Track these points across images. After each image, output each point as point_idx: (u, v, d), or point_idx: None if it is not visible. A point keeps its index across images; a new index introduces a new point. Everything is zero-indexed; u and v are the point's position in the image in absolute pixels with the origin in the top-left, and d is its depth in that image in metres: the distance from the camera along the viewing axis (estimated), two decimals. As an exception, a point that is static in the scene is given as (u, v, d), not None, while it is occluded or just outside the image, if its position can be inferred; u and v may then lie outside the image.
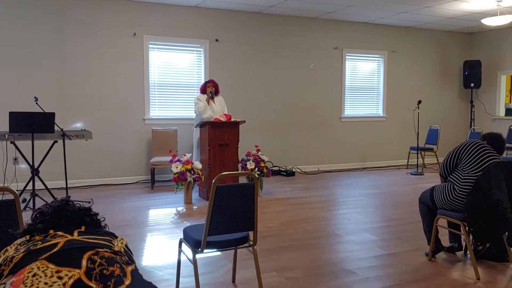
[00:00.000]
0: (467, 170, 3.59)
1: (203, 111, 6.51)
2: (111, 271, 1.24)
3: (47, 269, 1.19)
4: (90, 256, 1.24)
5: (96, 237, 1.37)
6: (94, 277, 1.20)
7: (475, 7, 7.74)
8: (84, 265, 1.21)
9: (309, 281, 3.42)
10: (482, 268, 3.66)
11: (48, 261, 1.21)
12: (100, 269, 1.23)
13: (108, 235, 1.41)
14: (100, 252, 1.27)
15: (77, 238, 1.31)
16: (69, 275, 1.19)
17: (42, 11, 6.80)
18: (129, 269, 1.29)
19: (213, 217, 2.80)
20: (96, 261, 1.24)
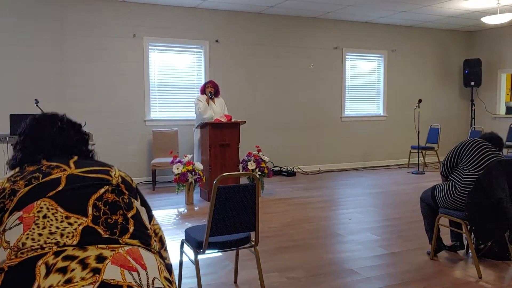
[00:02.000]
0: (468, 169, 3.59)
1: (203, 111, 6.51)
2: (114, 219, 1.33)
3: (57, 212, 1.27)
4: (94, 202, 1.32)
5: (94, 168, 1.43)
6: (101, 224, 1.29)
7: (475, 5, 7.74)
8: (90, 213, 1.30)
9: (311, 281, 3.42)
10: (484, 267, 3.66)
11: (56, 203, 1.28)
12: (105, 217, 1.32)
13: (104, 165, 1.48)
14: (104, 196, 1.35)
15: (77, 173, 1.38)
16: (78, 222, 1.27)
17: (42, 13, 6.81)
18: (130, 215, 1.37)
19: (215, 218, 2.80)
20: (100, 209, 1.32)
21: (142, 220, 1.41)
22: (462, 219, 3.57)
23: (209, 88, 6.65)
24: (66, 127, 1.61)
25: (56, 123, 1.61)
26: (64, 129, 1.60)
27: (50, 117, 1.64)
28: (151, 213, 1.57)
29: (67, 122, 1.65)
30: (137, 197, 1.50)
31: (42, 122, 1.60)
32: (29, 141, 1.55)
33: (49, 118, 1.63)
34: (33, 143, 1.53)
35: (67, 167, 1.40)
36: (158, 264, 1.32)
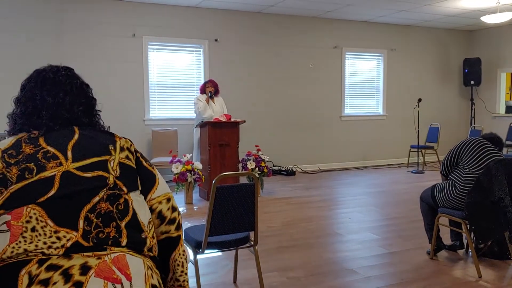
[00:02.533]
0: (468, 168, 3.58)
1: (203, 111, 6.50)
2: (106, 233, 1.26)
3: (46, 226, 1.21)
4: (86, 214, 1.25)
5: (91, 161, 1.33)
6: (91, 240, 1.23)
7: (474, 4, 7.73)
8: (81, 227, 1.23)
9: (310, 281, 3.42)
10: (484, 266, 3.66)
11: (47, 214, 1.21)
12: (96, 232, 1.25)
13: (104, 148, 1.37)
14: (98, 207, 1.27)
15: (73, 170, 1.29)
16: (67, 237, 1.21)
17: (41, 13, 6.80)
18: (124, 225, 1.30)
19: (214, 218, 2.79)
20: (92, 222, 1.25)
21: (138, 222, 1.36)
22: (462, 219, 3.56)
23: (209, 87, 6.64)
24: (73, 93, 1.46)
25: (62, 89, 1.45)
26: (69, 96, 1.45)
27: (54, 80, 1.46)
28: (152, 182, 1.47)
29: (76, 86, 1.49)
30: (136, 184, 1.41)
31: (44, 85, 1.44)
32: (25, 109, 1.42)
33: (53, 81, 1.46)
34: (30, 114, 1.41)
35: (64, 159, 1.30)
36: (145, 270, 1.29)
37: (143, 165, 1.47)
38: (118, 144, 1.42)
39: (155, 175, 1.49)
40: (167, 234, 1.48)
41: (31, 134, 1.36)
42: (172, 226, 1.49)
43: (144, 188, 1.44)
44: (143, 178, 1.44)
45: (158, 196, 1.46)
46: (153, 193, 1.46)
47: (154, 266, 1.37)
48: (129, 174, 1.39)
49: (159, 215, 1.46)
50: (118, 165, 1.37)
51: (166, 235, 1.48)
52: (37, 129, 1.37)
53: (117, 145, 1.41)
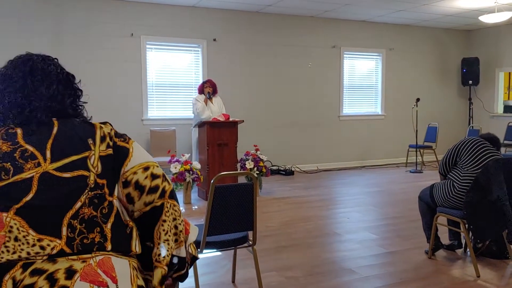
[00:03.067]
0: (466, 168, 3.58)
1: (201, 111, 6.49)
2: (91, 239, 1.22)
3: (28, 235, 1.16)
4: (69, 221, 1.20)
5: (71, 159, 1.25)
6: (76, 248, 1.19)
7: (472, 4, 7.74)
8: (64, 235, 1.19)
9: (309, 280, 3.42)
10: (482, 266, 3.66)
11: (27, 223, 1.16)
12: (81, 238, 1.21)
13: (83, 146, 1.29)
14: (80, 212, 1.21)
15: (52, 171, 1.22)
16: (51, 246, 1.17)
17: (39, 13, 6.78)
18: (109, 227, 1.26)
19: (212, 217, 2.79)
20: (76, 228, 1.20)
21: (122, 220, 1.31)
22: (460, 218, 3.56)
23: (208, 88, 6.62)
24: (63, 84, 1.40)
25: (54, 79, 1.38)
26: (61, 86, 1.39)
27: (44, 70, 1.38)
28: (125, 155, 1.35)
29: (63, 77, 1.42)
30: (118, 176, 1.33)
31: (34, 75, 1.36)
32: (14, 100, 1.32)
33: (43, 71, 1.38)
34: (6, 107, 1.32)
35: (42, 159, 1.23)
36: (131, 271, 1.26)
37: (117, 144, 1.37)
38: (98, 135, 1.34)
39: (128, 148, 1.38)
40: (151, 204, 1.36)
41: (9, 129, 1.28)
42: (155, 194, 1.36)
43: (118, 166, 1.34)
44: (117, 157, 1.35)
45: (132, 167, 1.35)
46: (126, 166, 1.34)
47: (138, 269, 1.33)
48: (109, 166, 1.32)
49: (136, 186, 1.34)
50: (99, 160, 1.29)
51: (150, 205, 1.36)
52: (25, 123, 1.29)
53: (97, 137, 1.33)
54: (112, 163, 1.33)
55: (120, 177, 1.34)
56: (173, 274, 1.41)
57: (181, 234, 1.41)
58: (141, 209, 1.36)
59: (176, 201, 1.42)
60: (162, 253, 1.36)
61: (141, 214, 1.36)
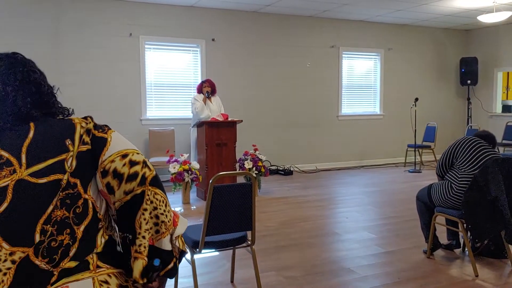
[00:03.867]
0: (464, 168, 3.59)
1: (200, 111, 6.49)
2: (59, 241, 1.17)
3: (1, 249, 1.12)
4: (42, 227, 1.16)
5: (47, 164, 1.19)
6: (41, 253, 1.15)
7: (471, 4, 7.75)
8: (36, 241, 1.15)
9: (308, 280, 3.42)
10: (480, 265, 3.67)
11: (1, 236, 1.12)
12: (49, 240, 1.16)
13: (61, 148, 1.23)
14: (53, 215, 1.17)
15: (27, 178, 1.17)
16: (22, 256, 1.13)
17: (38, 12, 6.78)
18: (81, 229, 1.22)
19: (211, 217, 2.79)
20: (47, 232, 1.16)
21: (97, 217, 1.28)
22: (458, 218, 3.57)
23: (206, 87, 6.62)
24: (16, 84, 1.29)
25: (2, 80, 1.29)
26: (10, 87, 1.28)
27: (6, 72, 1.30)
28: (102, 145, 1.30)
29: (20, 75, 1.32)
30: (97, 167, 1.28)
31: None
32: None
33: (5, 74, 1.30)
34: None
35: (18, 165, 1.17)
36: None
37: (95, 136, 1.31)
38: (77, 133, 1.27)
39: (106, 137, 1.31)
40: (131, 193, 1.29)
41: None
42: (135, 182, 1.29)
43: (95, 156, 1.29)
44: (94, 148, 1.29)
45: (110, 155, 1.29)
46: (103, 156, 1.29)
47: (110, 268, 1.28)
48: (85, 162, 1.26)
49: (114, 174, 1.28)
50: (76, 159, 1.24)
51: (130, 194, 1.29)
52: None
53: (76, 136, 1.26)
54: (90, 158, 1.28)
55: (98, 167, 1.28)
56: (159, 273, 1.33)
57: (163, 224, 1.32)
58: (122, 199, 1.30)
59: (159, 188, 1.34)
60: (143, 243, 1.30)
61: (122, 204, 1.30)
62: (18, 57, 1.37)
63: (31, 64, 1.39)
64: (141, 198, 1.30)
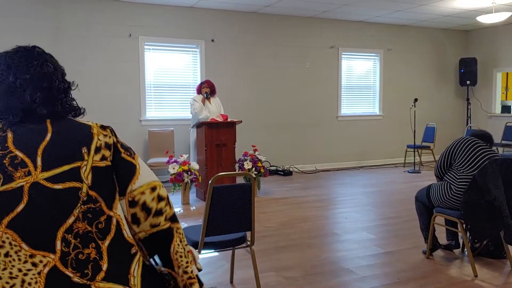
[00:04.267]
0: (462, 169, 3.59)
1: (199, 111, 6.49)
2: (86, 254, 1.16)
3: (21, 250, 1.11)
4: (64, 235, 1.14)
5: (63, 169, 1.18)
6: (70, 264, 1.13)
7: (470, 4, 7.76)
8: (58, 249, 1.13)
9: (307, 280, 3.42)
10: (480, 265, 3.67)
11: (20, 236, 1.11)
12: (76, 253, 1.15)
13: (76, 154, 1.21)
14: (74, 227, 1.16)
15: (42, 182, 1.15)
16: (44, 262, 1.12)
17: (37, 13, 6.78)
18: (106, 245, 1.20)
19: (210, 218, 2.79)
20: (70, 243, 1.15)
21: (124, 238, 1.26)
22: (457, 218, 3.57)
23: (205, 88, 6.63)
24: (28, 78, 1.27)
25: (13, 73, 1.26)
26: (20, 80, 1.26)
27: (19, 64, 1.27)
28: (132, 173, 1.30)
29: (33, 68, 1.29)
30: (114, 187, 1.27)
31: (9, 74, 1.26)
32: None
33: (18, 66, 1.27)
34: None
35: (33, 167, 1.16)
36: None
37: (121, 156, 1.30)
38: (94, 144, 1.25)
39: (135, 164, 1.32)
40: (158, 227, 1.33)
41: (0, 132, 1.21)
42: (161, 217, 1.33)
43: (123, 181, 1.29)
44: (121, 171, 1.29)
45: (141, 186, 1.30)
46: (133, 184, 1.30)
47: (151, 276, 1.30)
48: (104, 178, 1.25)
49: (143, 207, 1.30)
50: (91, 171, 1.22)
51: (157, 228, 1.33)
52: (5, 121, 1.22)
53: (92, 146, 1.25)
54: (111, 176, 1.27)
55: (126, 194, 1.29)
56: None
57: (189, 254, 1.41)
58: (147, 231, 1.32)
59: (179, 223, 1.40)
60: (194, 270, 1.38)
61: (146, 236, 1.33)
62: (36, 50, 1.33)
63: (47, 58, 1.35)
64: (169, 234, 1.35)
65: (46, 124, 1.24)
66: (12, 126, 1.21)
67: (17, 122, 1.22)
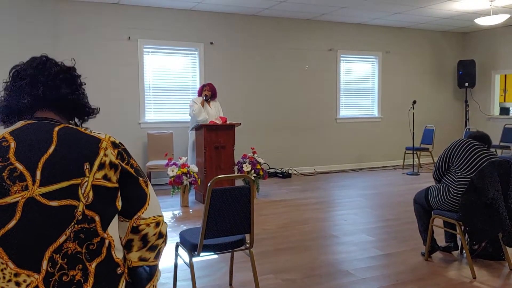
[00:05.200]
0: (460, 172, 3.60)
1: (197, 113, 6.50)
2: (71, 276, 1.14)
3: (6, 268, 1.10)
4: (52, 255, 1.12)
5: (61, 185, 1.15)
6: (52, 286, 1.12)
7: (468, 7, 7.78)
8: (44, 269, 1.11)
9: (306, 283, 3.42)
10: (478, 267, 3.68)
11: (7, 254, 1.10)
12: (60, 274, 1.13)
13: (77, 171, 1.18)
14: (64, 246, 1.14)
15: (38, 198, 1.13)
16: (28, 282, 1.10)
17: (36, 16, 6.79)
18: (93, 266, 1.18)
19: (210, 220, 2.79)
20: (57, 263, 1.13)
21: (113, 260, 1.24)
22: (456, 220, 3.58)
23: (206, 91, 6.66)
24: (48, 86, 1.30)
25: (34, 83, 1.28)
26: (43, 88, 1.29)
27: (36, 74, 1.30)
28: (143, 201, 1.31)
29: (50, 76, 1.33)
30: (114, 207, 1.25)
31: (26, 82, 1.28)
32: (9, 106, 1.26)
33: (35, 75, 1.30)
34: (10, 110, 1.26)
35: (31, 181, 1.14)
36: None
37: (138, 182, 1.31)
38: (98, 160, 1.22)
39: (147, 193, 1.33)
40: (145, 261, 1.34)
41: (3, 142, 1.18)
42: (152, 253, 1.36)
43: (132, 206, 1.29)
44: (132, 196, 1.29)
45: (148, 217, 1.31)
46: (142, 213, 1.30)
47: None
48: (105, 198, 1.22)
49: (143, 238, 1.31)
50: (91, 189, 1.19)
51: (144, 262, 1.34)
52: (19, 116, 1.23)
53: (96, 162, 1.21)
54: (115, 197, 1.25)
55: (133, 220, 1.29)
56: None
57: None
58: (133, 262, 1.32)
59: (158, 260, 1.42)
60: None
61: (130, 267, 1.33)
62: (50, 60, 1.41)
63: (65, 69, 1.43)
64: (153, 272, 1.36)
65: (53, 134, 1.22)
66: (17, 135, 1.20)
67: (24, 130, 1.21)
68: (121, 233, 1.29)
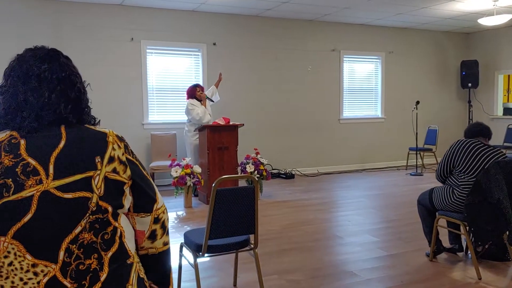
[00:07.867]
0: (463, 175, 3.58)
1: (203, 116, 6.52)
2: (87, 265, 1.17)
3: (24, 260, 1.12)
4: (68, 246, 1.15)
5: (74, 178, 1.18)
6: (69, 275, 1.15)
7: (471, 7, 7.76)
8: (60, 259, 1.14)
9: (310, 284, 3.42)
10: (483, 268, 3.66)
11: (25, 247, 1.12)
12: (77, 263, 1.16)
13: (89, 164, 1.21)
14: (80, 237, 1.17)
15: (53, 190, 1.15)
16: (45, 271, 1.13)
17: (39, 17, 6.81)
18: (109, 256, 1.22)
19: (214, 221, 2.79)
20: (73, 253, 1.16)
21: (126, 250, 1.28)
22: (461, 220, 3.57)
23: (201, 91, 6.72)
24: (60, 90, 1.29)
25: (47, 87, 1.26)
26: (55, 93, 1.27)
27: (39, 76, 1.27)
28: (154, 192, 1.37)
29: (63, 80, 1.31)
30: (121, 200, 1.27)
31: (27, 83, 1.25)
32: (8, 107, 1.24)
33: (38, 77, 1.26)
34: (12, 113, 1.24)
35: (44, 175, 1.16)
36: None
37: (144, 174, 1.36)
38: (107, 154, 1.25)
39: (153, 183, 1.41)
40: (167, 245, 1.44)
41: (12, 139, 1.19)
42: (168, 236, 1.45)
43: (150, 202, 1.36)
44: (145, 190, 1.34)
45: (162, 206, 1.40)
46: (157, 204, 1.38)
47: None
48: (114, 190, 1.25)
49: (162, 225, 1.40)
50: (103, 181, 1.22)
51: (167, 246, 1.44)
52: (20, 130, 1.21)
53: (106, 156, 1.24)
54: (118, 192, 1.27)
55: (153, 211, 1.36)
56: None
57: None
58: (159, 248, 1.42)
59: None
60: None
61: (156, 253, 1.41)
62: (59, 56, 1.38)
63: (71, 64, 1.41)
64: (168, 253, 1.45)
65: (61, 130, 1.24)
66: (26, 132, 1.21)
67: (32, 129, 1.22)
68: (141, 227, 1.35)
